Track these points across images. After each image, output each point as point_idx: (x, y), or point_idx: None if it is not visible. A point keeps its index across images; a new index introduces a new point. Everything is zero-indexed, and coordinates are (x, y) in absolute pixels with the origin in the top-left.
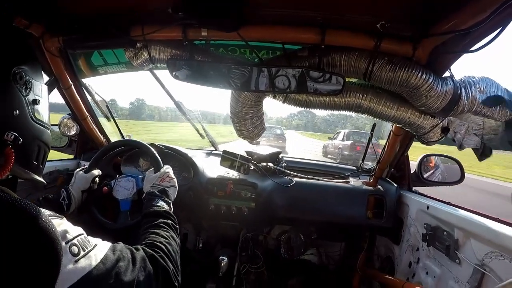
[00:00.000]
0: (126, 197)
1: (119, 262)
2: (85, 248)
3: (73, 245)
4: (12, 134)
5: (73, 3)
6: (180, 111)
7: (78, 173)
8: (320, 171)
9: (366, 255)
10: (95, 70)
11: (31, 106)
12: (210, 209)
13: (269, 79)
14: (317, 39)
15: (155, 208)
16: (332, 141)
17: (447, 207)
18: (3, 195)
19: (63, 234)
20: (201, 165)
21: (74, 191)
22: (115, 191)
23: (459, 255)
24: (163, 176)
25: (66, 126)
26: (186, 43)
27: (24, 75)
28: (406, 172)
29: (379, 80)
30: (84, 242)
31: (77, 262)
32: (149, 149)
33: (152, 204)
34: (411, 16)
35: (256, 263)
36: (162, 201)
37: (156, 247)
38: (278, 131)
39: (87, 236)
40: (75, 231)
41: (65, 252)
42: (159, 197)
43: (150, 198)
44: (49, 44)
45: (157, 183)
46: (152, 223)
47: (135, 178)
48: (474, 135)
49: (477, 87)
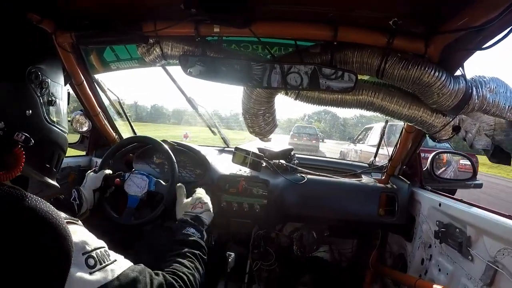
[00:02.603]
0: (135, 194)
1: (136, 284)
2: (102, 262)
3: (90, 257)
4: (22, 134)
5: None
6: (192, 107)
7: (89, 174)
8: (332, 168)
9: (379, 252)
10: (108, 66)
11: (46, 107)
12: (222, 206)
13: (281, 76)
14: (329, 36)
15: (184, 237)
16: (356, 145)
17: (459, 204)
18: (13, 190)
19: (82, 245)
20: (213, 162)
21: (85, 191)
22: (127, 185)
23: (472, 252)
24: (195, 203)
25: (78, 122)
26: (198, 39)
27: (40, 74)
28: (418, 169)
29: (392, 78)
30: (103, 256)
31: (92, 274)
32: (161, 146)
33: (182, 232)
34: (423, 12)
35: (268, 260)
36: (193, 229)
37: (178, 276)
38: (311, 130)
39: (109, 250)
40: (96, 243)
41: (80, 263)
42: (191, 225)
43: (181, 226)
44: (61, 40)
45: (189, 210)
46: (178, 251)
47: (149, 179)
48: (485, 136)
49: (488, 86)
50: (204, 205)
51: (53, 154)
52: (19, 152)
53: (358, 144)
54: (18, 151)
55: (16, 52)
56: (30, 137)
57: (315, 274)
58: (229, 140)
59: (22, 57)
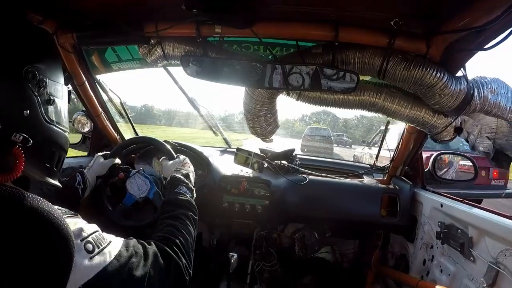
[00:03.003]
0: (134, 194)
1: (132, 258)
2: (99, 245)
3: (88, 243)
4: (20, 135)
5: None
6: (193, 107)
7: (99, 157)
8: (334, 169)
9: (381, 253)
10: (109, 67)
11: (45, 107)
12: (223, 206)
13: (283, 76)
14: (330, 36)
15: (178, 196)
16: (371, 148)
17: (461, 205)
18: (14, 190)
19: (79, 232)
20: (215, 163)
21: (89, 175)
22: (129, 182)
23: (474, 253)
24: (183, 161)
25: (80, 123)
26: (199, 40)
27: (37, 73)
28: (420, 170)
29: (394, 78)
30: (99, 239)
31: (92, 259)
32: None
33: (175, 190)
34: (424, 13)
35: (270, 261)
36: (186, 188)
37: (170, 241)
38: (325, 132)
39: (102, 232)
40: (90, 228)
41: (80, 249)
42: (183, 183)
43: (175, 184)
44: (62, 40)
45: (179, 167)
46: (171, 213)
47: (151, 186)
48: (486, 138)
49: (489, 87)
50: (190, 166)
51: (53, 154)
52: (18, 153)
53: (374, 147)
54: (17, 151)
55: (12, 51)
56: (28, 137)
57: (317, 275)
58: (230, 141)
59: (19, 57)
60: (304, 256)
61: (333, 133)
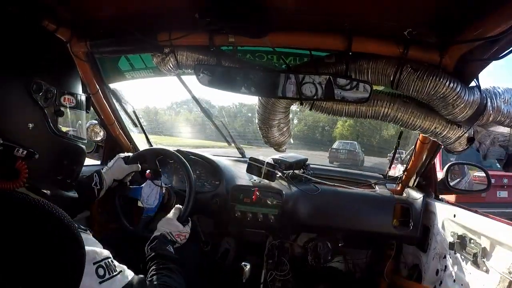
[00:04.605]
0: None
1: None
2: (111, 272)
3: (100, 267)
4: (24, 149)
5: (101, 7)
6: (206, 116)
7: (120, 160)
8: (346, 178)
9: (393, 263)
10: (122, 75)
11: (53, 118)
12: (236, 216)
13: (296, 86)
14: (344, 46)
15: (168, 253)
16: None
17: (474, 215)
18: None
19: (92, 255)
20: (227, 172)
21: (107, 176)
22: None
23: (486, 263)
24: (182, 232)
25: (93, 132)
26: (213, 49)
27: (43, 85)
28: (432, 180)
29: (407, 88)
30: (110, 266)
31: (101, 283)
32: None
33: (166, 248)
34: (438, 23)
35: (282, 270)
36: (172, 248)
37: None
38: (352, 146)
39: (114, 260)
40: (103, 254)
41: (91, 273)
42: (171, 244)
43: (164, 242)
44: (76, 49)
45: (174, 234)
46: (165, 266)
47: (157, 204)
48: (499, 146)
49: (502, 98)
50: (183, 240)
51: (64, 166)
52: (21, 167)
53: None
54: (21, 165)
55: (15, 63)
56: (34, 151)
57: (329, 284)
58: (243, 150)
59: (22, 68)
60: (316, 266)
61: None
